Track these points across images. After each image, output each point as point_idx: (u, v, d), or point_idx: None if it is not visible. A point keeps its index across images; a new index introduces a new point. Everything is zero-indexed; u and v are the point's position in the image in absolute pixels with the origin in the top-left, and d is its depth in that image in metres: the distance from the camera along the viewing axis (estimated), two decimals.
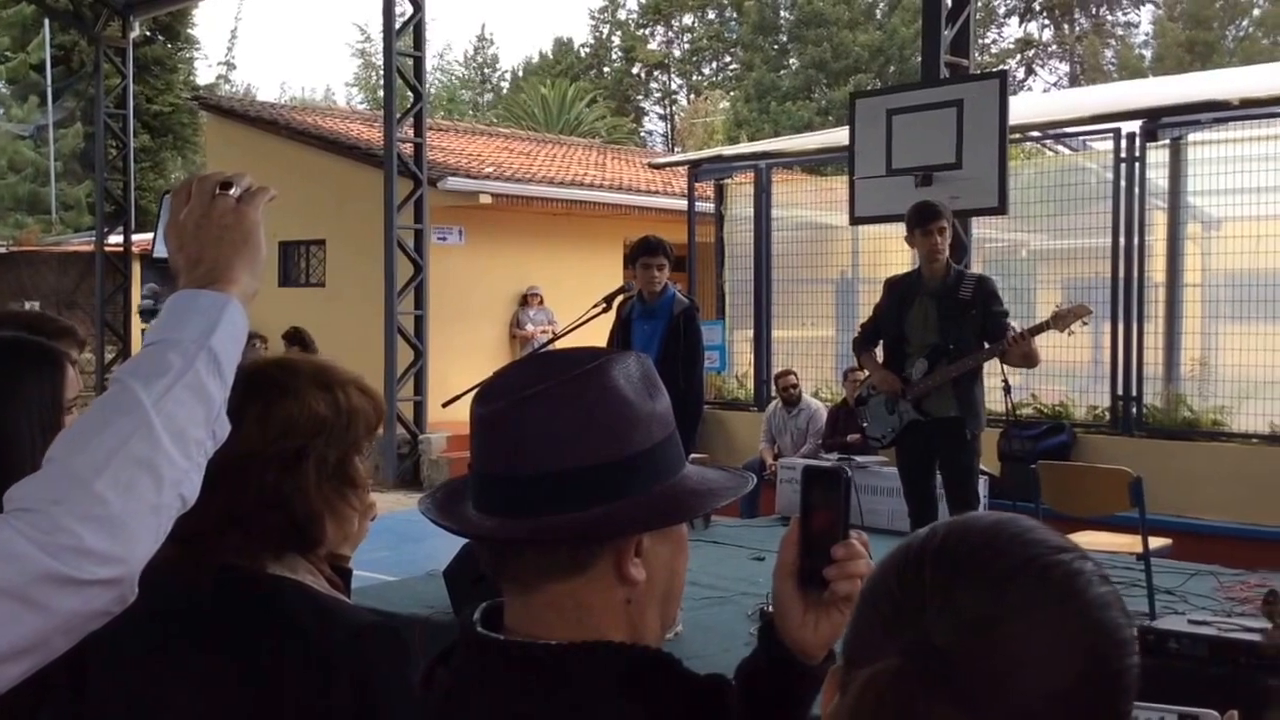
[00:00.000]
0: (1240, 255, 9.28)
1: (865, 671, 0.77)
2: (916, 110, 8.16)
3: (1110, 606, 0.80)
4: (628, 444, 1.09)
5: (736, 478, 1.20)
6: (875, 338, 6.03)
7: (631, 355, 1.16)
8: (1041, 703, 0.75)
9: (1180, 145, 9.16)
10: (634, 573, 1.09)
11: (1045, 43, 37.28)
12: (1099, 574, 0.81)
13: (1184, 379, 9.18)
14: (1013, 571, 0.79)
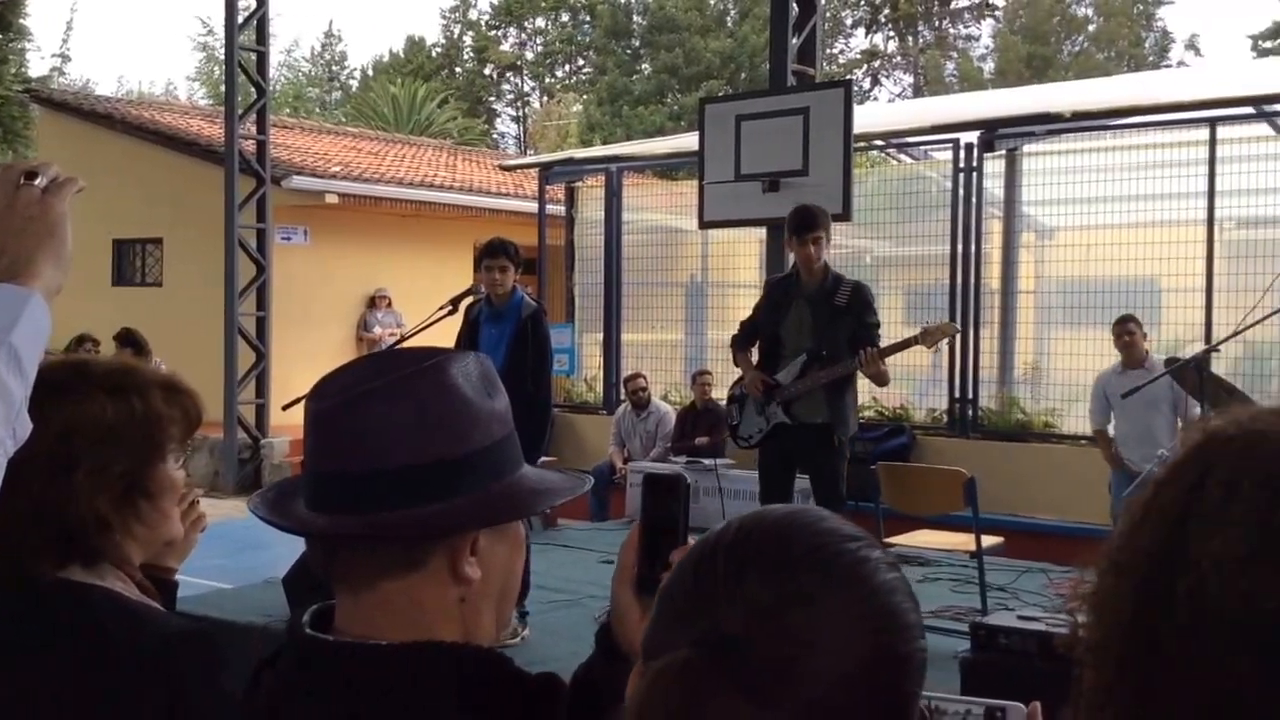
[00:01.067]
0: (1072, 263, 9.70)
1: (656, 663, 0.78)
2: (764, 117, 8.27)
3: (897, 592, 0.82)
4: (465, 442, 1.08)
5: (574, 479, 1.21)
6: (752, 338, 6.03)
7: (471, 355, 1.15)
8: (829, 687, 0.76)
9: (1015, 156, 9.52)
10: (469, 571, 1.08)
11: (890, 54, 38.35)
12: (887, 562, 0.84)
13: (1017, 382, 9.53)
14: (801, 559, 0.80)
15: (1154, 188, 8.79)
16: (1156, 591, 0.68)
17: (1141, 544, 0.70)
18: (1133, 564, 0.70)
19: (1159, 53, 33.94)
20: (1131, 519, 0.72)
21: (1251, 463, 0.68)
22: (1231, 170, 8.42)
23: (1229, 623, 0.64)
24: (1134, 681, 0.68)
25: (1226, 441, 0.70)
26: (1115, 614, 0.70)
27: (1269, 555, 0.64)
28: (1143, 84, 12.80)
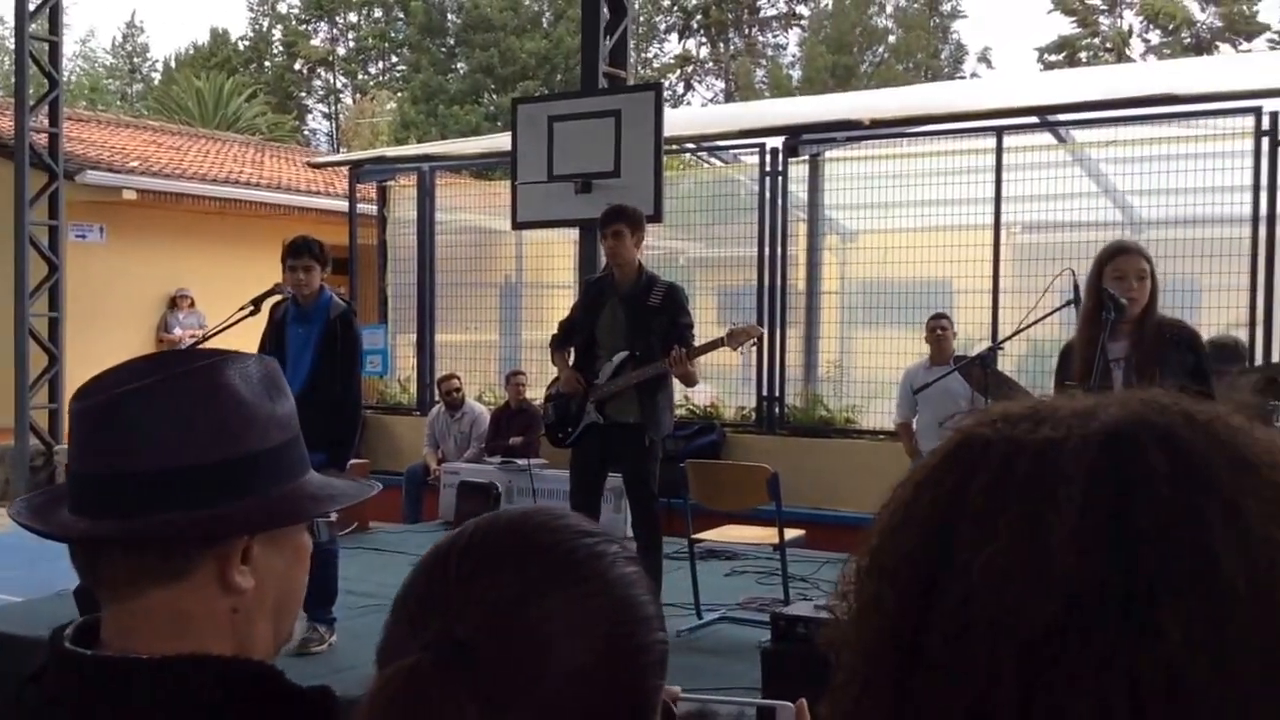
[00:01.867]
0: (872, 265, 10.07)
1: (387, 669, 0.76)
2: (577, 118, 8.33)
3: (634, 585, 0.82)
4: (237, 445, 1.05)
5: (360, 485, 1.19)
6: (570, 338, 6.03)
7: (255, 357, 1.12)
8: (563, 683, 0.76)
9: (818, 161, 9.83)
10: (239, 580, 1.04)
11: (703, 60, 39.03)
12: (625, 556, 0.84)
13: (821, 380, 9.84)
14: (534, 556, 0.80)
15: (947, 193, 9.23)
16: (919, 599, 0.67)
17: (903, 548, 0.70)
18: (895, 568, 0.70)
19: (954, 64, 35.55)
20: (892, 519, 0.72)
21: (1012, 474, 0.67)
22: (1017, 177, 8.90)
23: (993, 633, 0.64)
24: (894, 685, 0.68)
25: (985, 446, 0.70)
26: (877, 617, 0.70)
27: (1032, 567, 0.64)
28: (937, 94, 13.37)
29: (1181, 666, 0.61)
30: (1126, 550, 0.63)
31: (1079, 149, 9.28)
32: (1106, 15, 27.05)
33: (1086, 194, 9.21)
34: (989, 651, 0.63)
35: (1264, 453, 0.67)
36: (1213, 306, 8.28)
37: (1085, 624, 0.62)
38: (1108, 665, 0.62)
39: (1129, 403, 0.70)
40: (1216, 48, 24.47)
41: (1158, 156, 8.49)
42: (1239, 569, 0.63)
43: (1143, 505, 0.64)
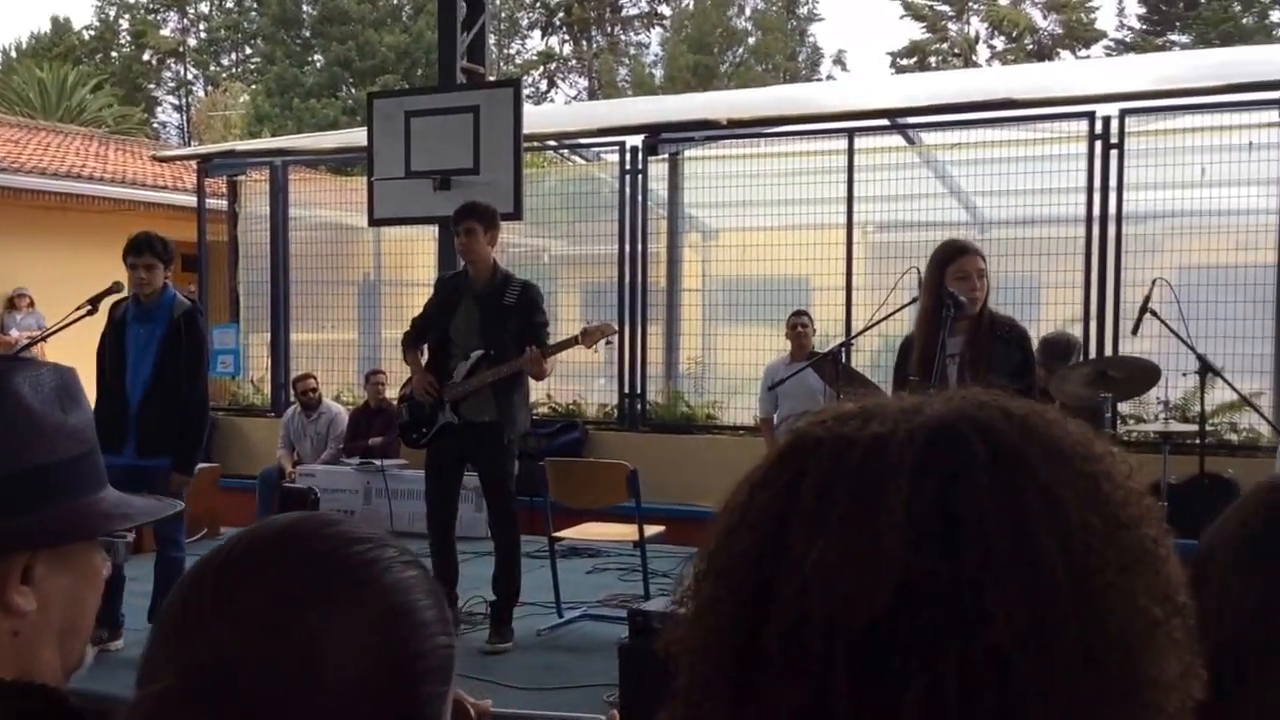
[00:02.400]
0: (733, 263, 10.19)
1: (137, 696, 0.73)
2: (434, 114, 8.22)
3: (410, 590, 0.81)
4: (23, 457, 0.99)
5: (161, 503, 1.14)
6: (423, 336, 5.95)
7: (50, 366, 1.06)
8: (334, 697, 0.74)
9: (678, 160, 9.90)
10: (19, 601, 0.98)
11: (566, 57, 38.99)
12: (402, 560, 0.82)
13: (683, 377, 9.93)
14: (301, 567, 0.78)
15: (803, 193, 9.39)
16: (755, 597, 0.68)
17: (740, 548, 0.70)
18: (732, 568, 0.70)
19: (811, 66, 36.23)
20: (728, 521, 0.72)
21: (842, 468, 0.69)
22: (869, 178, 9.12)
23: (826, 629, 0.65)
24: (733, 686, 0.68)
25: (816, 444, 0.71)
26: (714, 619, 0.70)
27: (863, 559, 0.65)
28: (792, 95, 13.60)
29: (1008, 652, 0.62)
30: (952, 539, 0.64)
31: (927, 151, 9.54)
32: (954, 21, 27.91)
33: (935, 194, 9.47)
34: (824, 646, 0.64)
35: (1076, 444, 0.70)
36: (1052, 303, 8.60)
37: (915, 613, 0.63)
38: (938, 653, 0.63)
39: (952, 399, 0.72)
40: (1057, 54, 25.46)
41: (1000, 159, 8.79)
42: (1058, 556, 0.64)
43: (966, 496, 0.66)
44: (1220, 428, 7.91)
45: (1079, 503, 0.67)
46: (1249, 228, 8.09)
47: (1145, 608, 0.66)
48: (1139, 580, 0.67)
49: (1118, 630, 0.65)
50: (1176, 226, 8.53)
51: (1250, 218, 8.07)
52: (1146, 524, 0.69)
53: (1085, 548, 0.65)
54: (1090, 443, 0.71)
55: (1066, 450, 0.69)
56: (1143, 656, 0.66)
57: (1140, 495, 0.70)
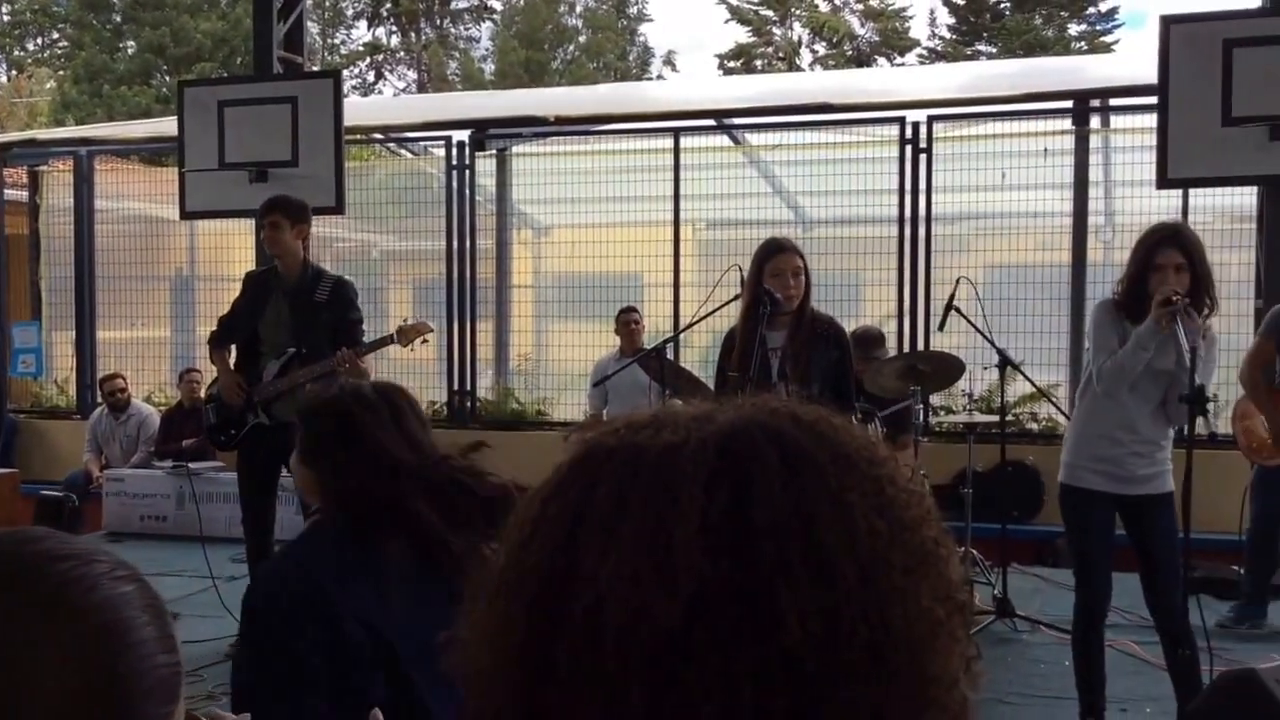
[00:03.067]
0: (565, 259, 10.21)
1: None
2: (250, 104, 8.00)
3: (123, 608, 0.77)
4: None
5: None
6: (230, 335, 5.76)
7: None
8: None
9: (505, 156, 9.87)
10: None
11: (394, 49, 38.34)
12: (114, 576, 0.79)
13: (513, 373, 9.91)
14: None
15: (632, 190, 9.48)
16: (548, 612, 0.66)
17: (531, 562, 0.69)
18: (523, 584, 0.69)
19: (641, 66, 36.54)
20: (518, 535, 0.71)
21: (636, 478, 0.68)
22: (695, 176, 9.27)
23: (621, 642, 0.64)
24: (526, 706, 0.67)
25: (609, 455, 0.70)
26: (506, 637, 0.68)
27: (657, 570, 0.64)
28: (620, 94, 13.72)
29: (801, 658, 0.63)
30: (746, 547, 0.65)
31: (752, 151, 9.75)
32: (778, 26, 28.56)
33: (761, 194, 9.69)
34: (618, 659, 0.64)
35: (862, 449, 0.71)
36: (870, 300, 8.90)
37: (710, 622, 0.63)
38: (732, 661, 0.63)
39: (743, 407, 0.73)
40: (875, 60, 26.36)
41: (821, 160, 9.06)
42: (848, 559, 0.66)
43: (760, 502, 0.66)
44: (1021, 417, 8.32)
45: (866, 507, 0.68)
46: (1047, 229, 8.54)
47: (929, 608, 0.67)
48: (923, 581, 0.68)
49: (904, 631, 0.66)
50: (981, 228, 8.95)
51: (1048, 219, 8.52)
52: (928, 526, 0.71)
53: (873, 551, 0.66)
54: (874, 448, 0.72)
55: (854, 455, 0.70)
56: (928, 655, 0.67)
57: (921, 498, 0.72)
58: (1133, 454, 4.10)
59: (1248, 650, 5.06)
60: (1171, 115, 6.54)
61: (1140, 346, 3.99)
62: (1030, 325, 8.23)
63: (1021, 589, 6.33)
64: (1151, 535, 4.13)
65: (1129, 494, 4.12)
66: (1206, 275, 4.04)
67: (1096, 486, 4.15)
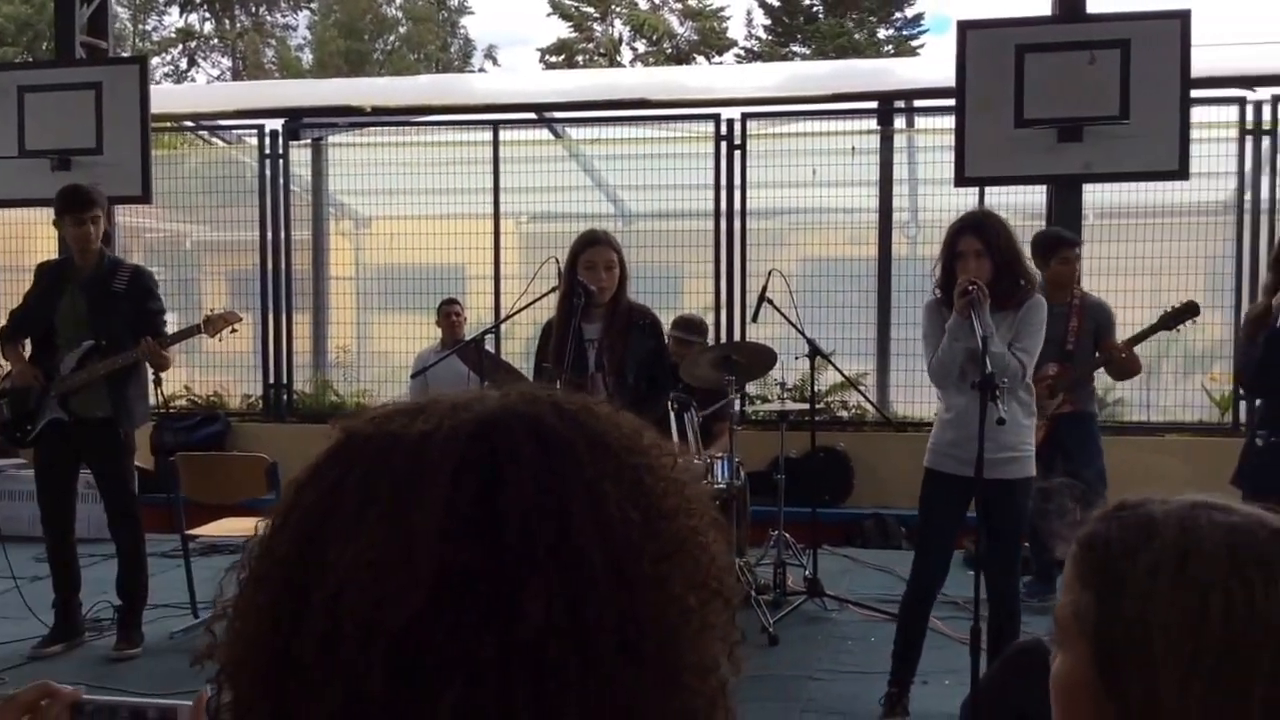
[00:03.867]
0: (387, 251, 10.10)
1: None
2: (52, 90, 7.70)
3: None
4: None
5: None
6: (24, 328, 5.53)
7: None
8: None
9: (321, 146, 9.71)
10: None
11: (208, 36, 37.05)
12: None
13: (331, 366, 9.77)
14: None
15: (453, 182, 9.45)
16: (292, 602, 0.65)
17: (279, 552, 0.68)
18: (270, 574, 0.68)
19: (463, 59, 36.24)
20: (272, 524, 0.70)
21: (385, 465, 0.67)
22: (516, 169, 9.31)
23: (363, 631, 0.63)
24: (271, 699, 0.66)
25: (365, 442, 0.70)
26: (253, 628, 0.67)
27: (399, 559, 0.64)
28: (439, 85, 13.64)
29: (546, 644, 0.63)
30: (490, 536, 0.65)
31: (573, 145, 9.84)
32: (599, 23, 28.75)
33: (583, 187, 9.78)
34: (359, 649, 0.63)
35: (624, 439, 0.72)
36: (691, 292, 9.11)
37: (453, 610, 0.63)
38: (473, 651, 0.63)
39: (506, 395, 0.73)
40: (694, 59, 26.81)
41: (640, 155, 9.22)
42: (597, 548, 0.66)
43: (509, 491, 0.66)
44: (833, 405, 8.66)
45: (620, 495, 0.68)
46: (856, 224, 8.89)
47: (682, 595, 0.68)
48: (677, 569, 0.68)
49: (654, 618, 0.66)
50: (795, 222, 9.26)
51: (856, 215, 8.87)
52: (686, 515, 0.71)
53: (624, 539, 0.67)
54: (638, 437, 0.73)
55: (613, 444, 0.71)
56: (680, 642, 0.67)
57: (681, 486, 0.72)
58: (983, 438, 4.19)
59: (1038, 622, 5.35)
60: (968, 117, 6.90)
61: (953, 339, 4.17)
62: (841, 316, 8.56)
63: (831, 569, 6.57)
64: (996, 518, 4.29)
65: (981, 477, 4.23)
66: (1014, 256, 4.27)
67: (949, 470, 4.31)
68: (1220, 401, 8.12)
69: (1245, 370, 4.71)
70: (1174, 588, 0.95)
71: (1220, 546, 0.96)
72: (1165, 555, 0.97)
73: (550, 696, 0.63)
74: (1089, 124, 6.70)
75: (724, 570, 0.72)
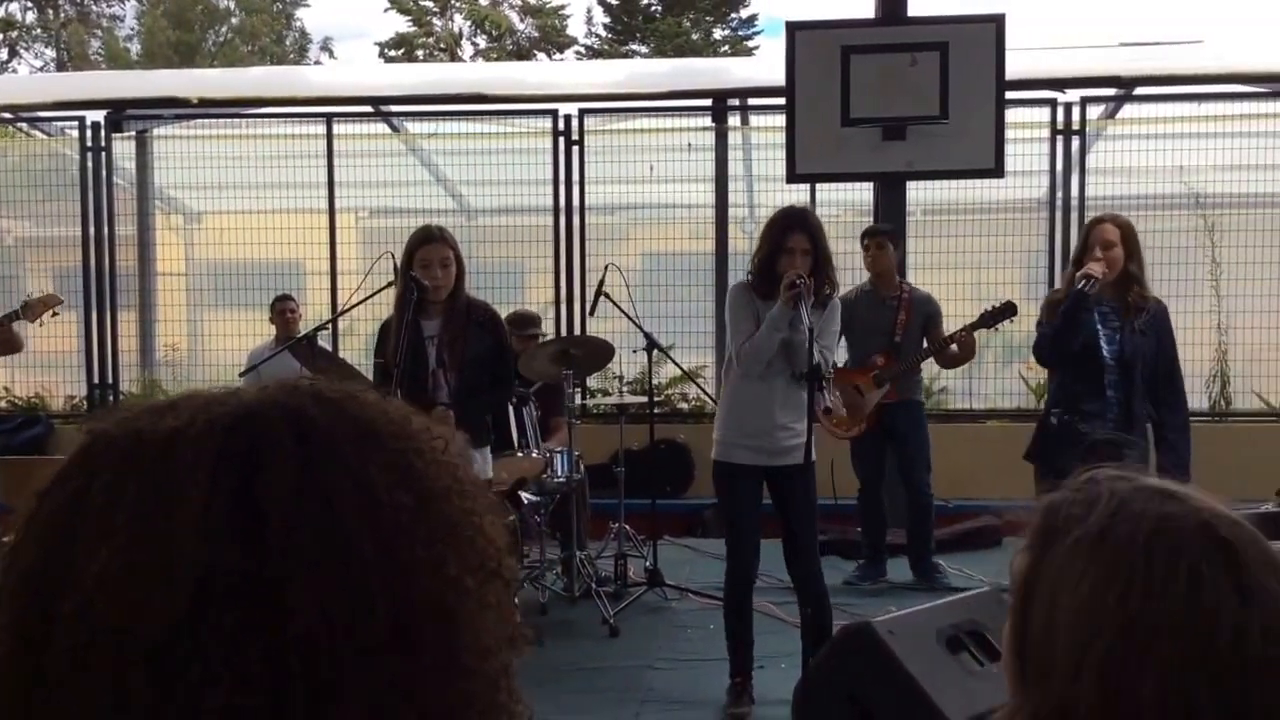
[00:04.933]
0: (219, 246, 9.83)
1: None
2: None
3: None
4: None
5: None
6: None
7: None
8: None
9: (146, 138, 9.39)
10: None
11: (29, 26, 35.30)
12: None
13: (160, 364, 9.46)
14: None
15: (287, 176, 9.25)
16: (42, 616, 0.62)
17: (23, 566, 0.64)
18: (13, 590, 0.64)
19: (299, 51, 35.36)
20: (15, 536, 0.65)
21: (133, 465, 0.64)
22: (352, 163, 9.17)
23: (117, 640, 0.60)
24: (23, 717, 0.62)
25: (110, 443, 0.66)
26: (3, 648, 0.63)
27: (155, 563, 0.61)
28: (270, 78, 13.30)
29: (318, 638, 0.61)
30: (255, 531, 0.62)
31: (412, 139, 9.74)
32: (439, 18, 28.45)
33: (423, 182, 9.70)
34: (115, 661, 0.60)
35: (390, 424, 0.70)
36: (533, 286, 9.13)
37: (217, 613, 0.61)
38: (243, 651, 0.60)
39: (265, 388, 0.70)
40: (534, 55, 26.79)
41: (479, 150, 9.19)
42: (366, 535, 0.64)
43: (272, 484, 0.63)
44: (673, 398, 8.79)
45: (389, 481, 0.66)
46: (693, 220, 9.04)
47: (458, 578, 0.67)
48: (450, 551, 0.67)
49: (429, 602, 0.65)
50: (633, 218, 9.36)
51: (693, 211, 9.01)
52: (460, 496, 0.70)
53: (394, 525, 0.65)
54: (406, 422, 0.71)
55: (380, 431, 0.69)
56: (456, 624, 0.66)
57: (453, 469, 0.71)
58: (777, 427, 4.39)
59: (871, 604, 5.53)
60: (798, 115, 7.09)
61: (774, 329, 4.30)
62: (680, 310, 8.69)
63: (672, 559, 6.66)
64: (792, 503, 4.44)
65: (774, 465, 4.41)
66: (827, 258, 4.44)
67: (745, 460, 4.43)
68: (1035, 389, 8.53)
69: (1039, 345, 4.98)
70: (1087, 563, 0.98)
71: (1139, 533, 0.98)
72: (1089, 531, 0.99)
73: (325, 692, 0.62)
74: (911, 123, 6.96)
75: (501, 551, 0.71)
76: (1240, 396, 8.56)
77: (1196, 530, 0.97)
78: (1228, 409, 8.52)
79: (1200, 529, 0.98)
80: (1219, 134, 8.43)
